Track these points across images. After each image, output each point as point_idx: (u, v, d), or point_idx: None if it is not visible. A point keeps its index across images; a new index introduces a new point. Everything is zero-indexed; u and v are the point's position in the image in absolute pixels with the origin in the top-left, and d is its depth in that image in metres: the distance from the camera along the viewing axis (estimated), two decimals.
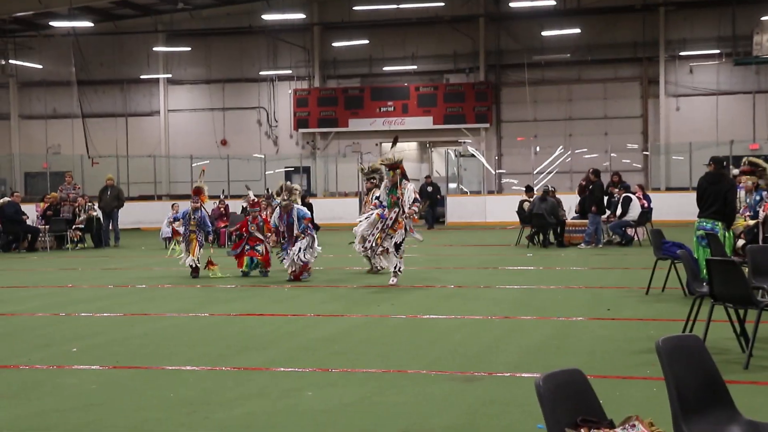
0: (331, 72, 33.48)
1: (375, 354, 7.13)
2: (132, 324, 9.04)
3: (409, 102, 31.95)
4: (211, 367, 6.72)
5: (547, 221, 18.30)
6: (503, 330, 8.24)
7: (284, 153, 33.25)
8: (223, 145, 34.18)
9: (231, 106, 34.17)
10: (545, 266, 14.60)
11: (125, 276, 14.35)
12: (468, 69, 32.29)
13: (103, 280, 13.73)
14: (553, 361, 6.64)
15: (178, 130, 34.51)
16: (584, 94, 31.12)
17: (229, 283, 12.71)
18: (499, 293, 11.17)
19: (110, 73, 34.56)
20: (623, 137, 30.38)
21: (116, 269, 15.94)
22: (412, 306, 9.97)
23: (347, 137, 32.91)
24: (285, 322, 9.03)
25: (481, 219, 29.12)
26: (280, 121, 33.87)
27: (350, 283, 12.44)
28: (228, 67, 34.12)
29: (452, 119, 31.61)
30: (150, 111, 34.79)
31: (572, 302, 10.07)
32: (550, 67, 31.34)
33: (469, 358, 6.89)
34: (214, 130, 34.17)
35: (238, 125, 34.10)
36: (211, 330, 8.61)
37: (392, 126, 32.07)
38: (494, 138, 32.01)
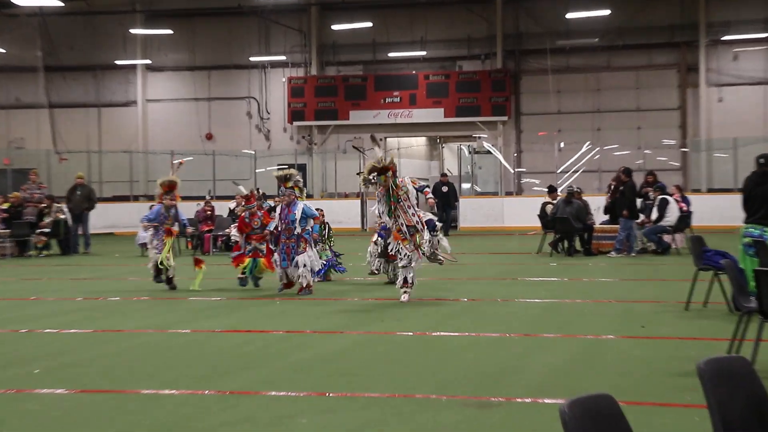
0: (330, 58, 33.53)
1: (378, 376, 7.10)
2: (103, 341, 9.01)
3: (417, 92, 31.99)
4: (192, 390, 6.69)
5: (572, 226, 18.28)
6: (523, 349, 8.21)
7: (277, 148, 33.30)
8: (208, 139, 34.24)
9: (217, 95, 34.23)
10: (570, 277, 14.57)
11: (96, 287, 14.33)
12: (483, 55, 32.31)
13: (71, 291, 13.72)
14: (579, 385, 6.60)
15: (157, 122, 34.57)
16: (614, 84, 31.12)
17: (214, 294, 12.68)
18: (518, 307, 11.14)
19: (81, 59, 34.64)
20: (659, 132, 30.37)
21: (86, 279, 15.93)
22: (421, 321, 9.94)
23: (348, 131, 32.94)
24: (277, 340, 9.00)
25: (497, 223, 29.11)
26: (272, 113, 33.92)
27: (351, 296, 12.41)
28: (214, 52, 34.19)
29: (465, 111, 31.63)
30: (126, 101, 34.86)
31: (601, 318, 10.04)
32: (576, 53, 31.34)
33: (484, 381, 6.86)
34: (199, 122, 34.23)
35: (225, 117, 34.16)
36: (193, 348, 8.58)
37: (398, 119, 32.11)
38: (513, 132, 32.01)
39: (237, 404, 6.30)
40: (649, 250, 18.82)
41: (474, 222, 29.11)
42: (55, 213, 20.91)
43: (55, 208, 21.06)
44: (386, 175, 11.48)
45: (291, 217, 12.40)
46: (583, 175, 29.62)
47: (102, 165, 32.12)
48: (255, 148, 32.97)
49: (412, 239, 11.48)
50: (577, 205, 18.49)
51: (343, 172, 32.11)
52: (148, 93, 34.69)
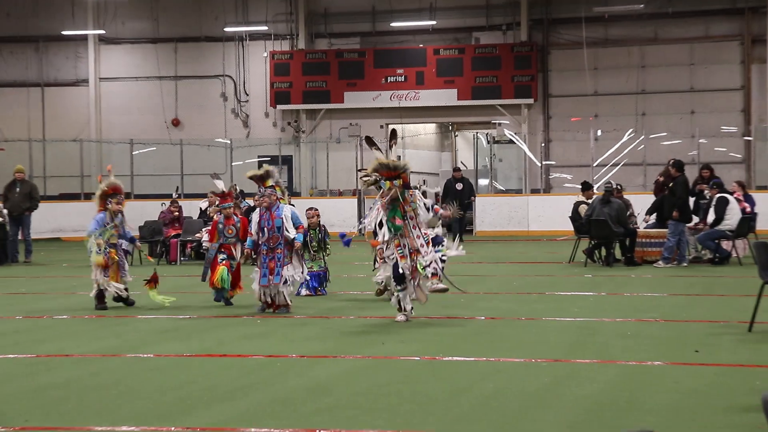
0: (321, 29, 33.55)
1: (377, 410, 7.10)
2: (48, 368, 9.01)
3: (425, 69, 31.99)
4: (156, 427, 6.69)
5: (611, 230, 18.27)
6: (552, 378, 8.21)
7: (257, 137, 33.29)
8: (174, 125, 34.25)
9: (186, 73, 34.23)
10: (609, 291, 14.56)
11: (39, 303, 14.32)
12: (505, 25, 32.31)
13: (8, 308, 13.72)
14: (620, 421, 6.59)
15: (113, 105, 34.57)
16: (663, 59, 31.13)
17: (181, 312, 12.69)
18: (546, 328, 11.12)
19: (20, 28, 34.65)
20: (717, 117, 30.37)
21: (27, 294, 15.92)
22: (429, 344, 9.93)
23: (342, 116, 32.94)
24: (257, 366, 9.00)
25: (522, 227, 29.09)
26: (251, 95, 33.91)
27: (346, 313, 12.41)
28: (182, 21, 34.21)
29: (483, 93, 31.63)
30: (75, 79, 34.87)
31: (646, 341, 10.02)
32: (617, 22, 31.34)
33: (506, 416, 6.85)
34: (163, 105, 34.25)
35: (194, 100, 34.16)
36: (156, 376, 8.58)
37: (403, 101, 32.11)
38: (540, 118, 32.00)
39: None
40: (705, 258, 18.79)
41: (493, 225, 29.10)
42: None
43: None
44: (393, 183, 11.06)
45: (277, 222, 12.34)
46: (625, 169, 29.61)
47: (46, 156, 32.09)
48: (231, 137, 32.97)
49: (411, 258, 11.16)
50: (616, 205, 18.48)
51: (336, 165, 32.11)
52: (102, 70, 34.68)
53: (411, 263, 11.14)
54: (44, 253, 23.69)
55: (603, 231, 18.38)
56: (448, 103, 32.00)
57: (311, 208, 14.94)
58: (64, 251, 25.04)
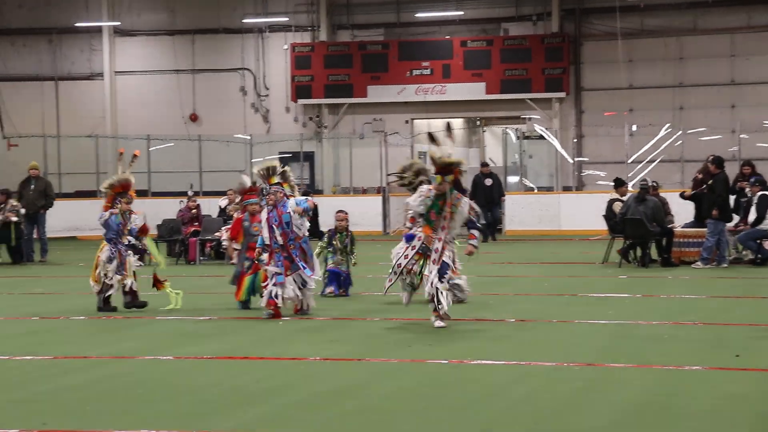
0: (344, 20, 33.57)
1: (404, 414, 7.13)
2: (66, 371, 9.09)
3: (452, 62, 31.96)
4: (177, 430, 6.75)
5: (647, 230, 18.22)
6: (585, 383, 8.21)
7: (278, 133, 33.33)
8: (192, 121, 34.35)
9: (203, 67, 34.32)
10: (645, 293, 14.52)
11: (56, 304, 14.42)
12: (535, 15, 32.23)
13: (24, 309, 13.82)
14: (656, 427, 6.60)
15: (129, 99, 34.70)
16: (702, 50, 30.95)
17: (201, 313, 12.75)
18: (578, 331, 11.11)
19: (33, 20, 34.83)
20: (759, 111, 30.15)
21: (43, 294, 16.03)
22: (457, 347, 9.95)
23: (366, 111, 32.95)
24: (279, 369, 9.05)
25: (553, 226, 29.00)
26: (272, 89, 33.97)
27: (371, 315, 12.43)
28: (199, 12, 34.30)
29: (513, 86, 31.56)
30: (90, 73, 35.02)
31: (684, 345, 10.02)
32: (654, 11, 31.21)
33: (537, 422, 6.88)
34: (180, 100, 34.36)
35: (213, 94, 34.23)
36: (176, 379, 8.64)
37: (428, 95, 32.09)
38: (572, 112, 31.91)
39: None
40: (746, 259, 18.70)
41: (523, 224, 29.04)
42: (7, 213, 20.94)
43: (10, 206, 21.06)
44: (444, 178, 10.96)
45: (284, 218, 12.22)
46: (661, 165, 29.45)
47: (61, 152, 32.25)
48: (251, 133, 33.02)
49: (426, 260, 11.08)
50: (652, 203, 18.42)
51: (360, 161, 32.08)
52: (118, 63, 34.81)
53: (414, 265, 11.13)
54: (60, 252, 23.82)
55: (638, 230, 18.32)
56: (476, 97, 31.94)
57: (340, 211, 14.94)
58: (80, 250, 25.16)
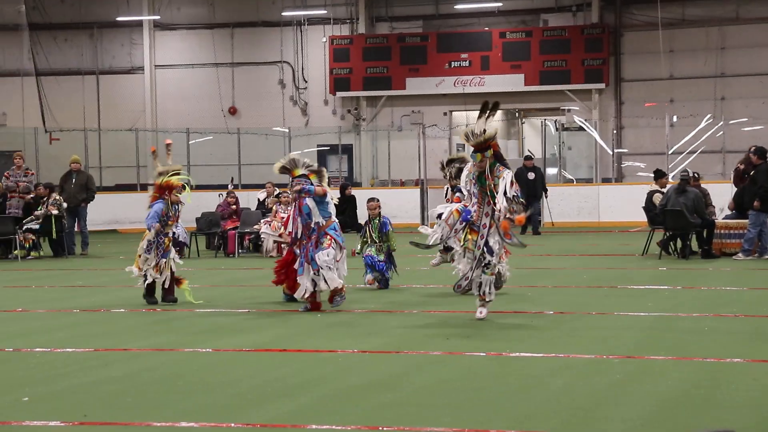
0: (382, 12, 33.58)
1: (442, 406, 7.13)
2: (105, 363, 9.16)
3: (491, 54, 31.89)
4: (215, 423, 6.78)
5: (687, 221, 18.11)
6: (624, 375, 8.18)
7: (316, 126, 33.43)
8: (231, 114, 34.52)
9: (243, 60, 34.48)
10: (685, 285, 14.45)
11: (96, 296, 14.54)
12: (575, 6, 32.10)
13: (65, 302, 13.94)
14: (697, 420, 6.55)
15: (169, 93, 34.93)
16: (744, 40, 30.70)
17: (239, 305, 12.80)
18: (618, 323, 11.07)
19: (75, 14, 35.13)
20: None
21: (84, 286, 16.17)
22: (495, 339, 9.95)
23: (404, 103, 32.96)
24: (317, 362, 9.07)
25: (592, 218, 28.89)
26: (310, 82, 34.06)
27: (408, 308, 12.44)
28: (239, 5, 34.45)
29: (552, 78, 31.45)
30: (130, 67, 35.29)
31: (725, 337, 9.96)
32: (695, 1, 30.95)
33: (575, 415, 6.85)
34: (220, 93, 34.53)
35: (252, 87, 34.39)
36: (215, 371, 8.69)
37: (467, 87, 32.04)
38: (612, 104, 31.75)
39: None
40: None
41: (562, 216, 28.93)
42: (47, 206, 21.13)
43: (52, 200, 21.24)
44: (484, 155, 10.80)
45: (304, 209, 12.08)
46: (702, 156, 29.27)
47: (102, 146, 32.54)
48: (289, 125, 33.15)
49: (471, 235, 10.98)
50: (693, 194, 18.29)
51: (398, 154, 32.12)
52: (158, 57, 35.05)
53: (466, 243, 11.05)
54: (101, 245, 24.02)
55: (679, 222, 18.21)
56: (515, 88, 31.86)
57: (372, 199, 14.92)
58: (121, 243, 25.35)
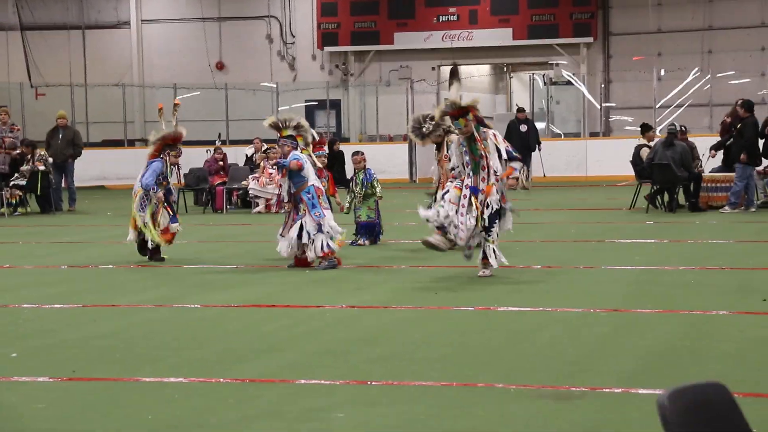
0: None
1: (431, 360, 7.15)
2: (94, 319, 9.17)
3: (479, 8, 31.74)
4: (204, 378, 6.80)
5: (674, 175, 18.12)
6: (611, 328, 8.21)
7: (304, 81, 33.32)
8: (219, 69, 34.34)
9: (230, 14, 34.27)
10: (672, 239, 14.48)
11: (84, 252, 14.53)
12: None
13: (53, 258, 13.93)
14: (683, 372, 6.60)
15: (156, 48, 34.72)
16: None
17: (228, 261, 12.80)
18: (605, 277, 11.11)
19: None
20: None
21: (71, 243, 16.15)
22: (483, 294, 9.97)
23: (392, 58, 32.82)
24: (307, 317, 9.09)
25: (580, 172, 28.93)
26: (298, 37, 33.88)
27: (397, 263, 12.46)
28: None
29: (540, 32, 31.33)
30: (117, 22, 35.03)
31: (711, 290, 9.99)
32: None
33: (563, 367, 6.89)
34: (207, 48, 34.32)
35: (239, 42, 34.20)
36: (203, 327, 8.70)
37: (455, 42, 31.91)
38: (600, 58, 31.67)
39: (258, 395, 6.39)
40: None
41: (550, 170, 28.92)
42: (33, 162, 21.08)
43: (37, 155, 21.19)
44: (466, 119, 10.72)
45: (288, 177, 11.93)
46: (690, 110, 29.26)
47: (88, 102, 32.37)
48: (277, 81, 33.02)
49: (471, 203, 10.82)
50: (680, 148, 18.29)
51: (386, 109, 32.04)
52: (144, 12, 34.81)
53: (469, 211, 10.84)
54: (88, 202, 23.98)
55: (666, 175, 18.22)
56: (503, 43, 31.76)
57: (356, 152, 14.76)
58: (108, 199, 25.32)
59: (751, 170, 18.07)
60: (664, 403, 3.04)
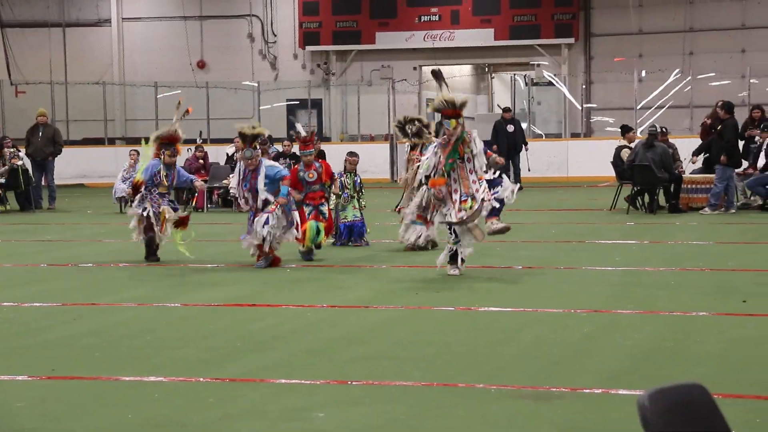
0: None
1: (413, 360, 7.17)
2: (74, 318, 9.14)
3: (461, 8, 31.74)
4: (185, 377, 6.79)
5: (655, 176, 18.18)
6: (593, 328, 8.24)
7: (286, 80, 33.27)
8: (200, 68, 34.25)
9: (211, 13, 34.16)
10: (653, 239, 14.53)
11: (64, 251, 14.48)
12: None
13: (33, 256, 13.87)
14: (663, 373, 6.63)
15: (137, 46, 34.60)
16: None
17: (210, 260, 12.78)
18: (586, 277, 11.15)
19: None
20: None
21: (52, 241, 16.10)
22: (465, 294, 9.99)
23: (374, 58, 32.79)
24: (287, 317, 9.09)
25: (561, 173, 28.99)
26: (279, 35, 33.81)
27: (378, 263, 12.46)
28: None
29: (521, 32, 31.36)
30: (97, 19, 34.88)
31: (691, 291, 10.04)
32: None
33: (544, 368, 6.91)
34: (188, 47, 34.22)
35: (221, 41, 34.10)
36: (185, 326, 8.70)
37: (437, 42, 31.91)
38: (581, 58, 31.73)
39: (240, 394, 6.39)
40: (754, 205, 18.68)
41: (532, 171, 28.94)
42: (11, 159, 20.99)
43: (9, 153, 21.10)
44: (458, 121, 10.68)
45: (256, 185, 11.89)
46: (670, 111, 29.35)
47: (69, 100, 32.22)
48: (258, 80, 32.96)
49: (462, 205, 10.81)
50: (661, 149, 18.36)
51: (368, 109, 32.03)
52: (125, 10, 34.67)
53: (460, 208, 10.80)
54: (68, 200, 23.89)
55: (646, 176, 18.28)
56: (485, 43, 31.76)
57: (353, 153, 14.63)
58: (89, 197, 25.23)
59: (731, 172, 18.15)
60: (644, 404, 3.05)
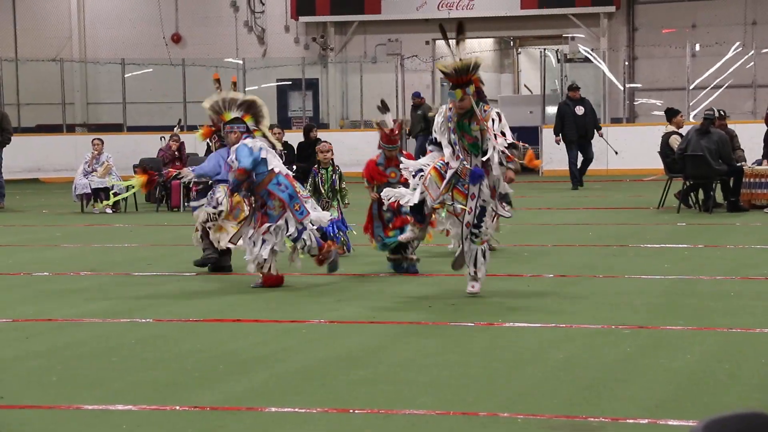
0: None
1: (423, 384, 7.17)
2: (26, 336, 9.14)
3: None
4: (157, 405, 6.79)
5: (711, 168, 18.16)
6: (636, 347, 8.24)
7: (276, 57, 33.28)
8: (175, 42, 34.30)
9: None
10: (708, 243, 14.52)
11: (15, 257, 14.50)
12: None
13: None
14: (718, 400, 6.62)
15: (100, 17, 34.66)
16: None
17: (186, 268, 12.78)
18: (629, 287, 11.13)
19: None
20: None
21: (0, 246, 16.12)
22: (486, 307, 9.98)
23: (379, 30, 32.83)
24: (278, 334, 9.09)
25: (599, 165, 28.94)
26: (268, 4, 33.87)
27: (383, 270, 12.46)
28: None
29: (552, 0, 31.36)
30: None
31: (753, 304, 10.02)
32: None
33: (579, 393, 6.91)
34: (161, 18, 34.28)
35: (199, 10, 34.17)
36: (156, 345, 8.69)
37: (453, 12, 31.92)
38: (623, 30, 31.74)
39: (221, 425, 6.40)
40: None
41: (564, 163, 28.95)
42: None
43: None
44: (465, 91, 10.06)
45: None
46: (730, 92, 29.35)
47: (20, 80, 32.29)
48: (244, 56, 32.99)
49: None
50: (717, 136, 18.33)
51: (372, 90, 31.99)
52: None
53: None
54: (19, 197, 23.91)
55: (701, 169, 18.25)
56: (510, 12, 31.79)
57: (324, 141, 14.41)
58: (44, 194, 25.27)
59: None
60: None
